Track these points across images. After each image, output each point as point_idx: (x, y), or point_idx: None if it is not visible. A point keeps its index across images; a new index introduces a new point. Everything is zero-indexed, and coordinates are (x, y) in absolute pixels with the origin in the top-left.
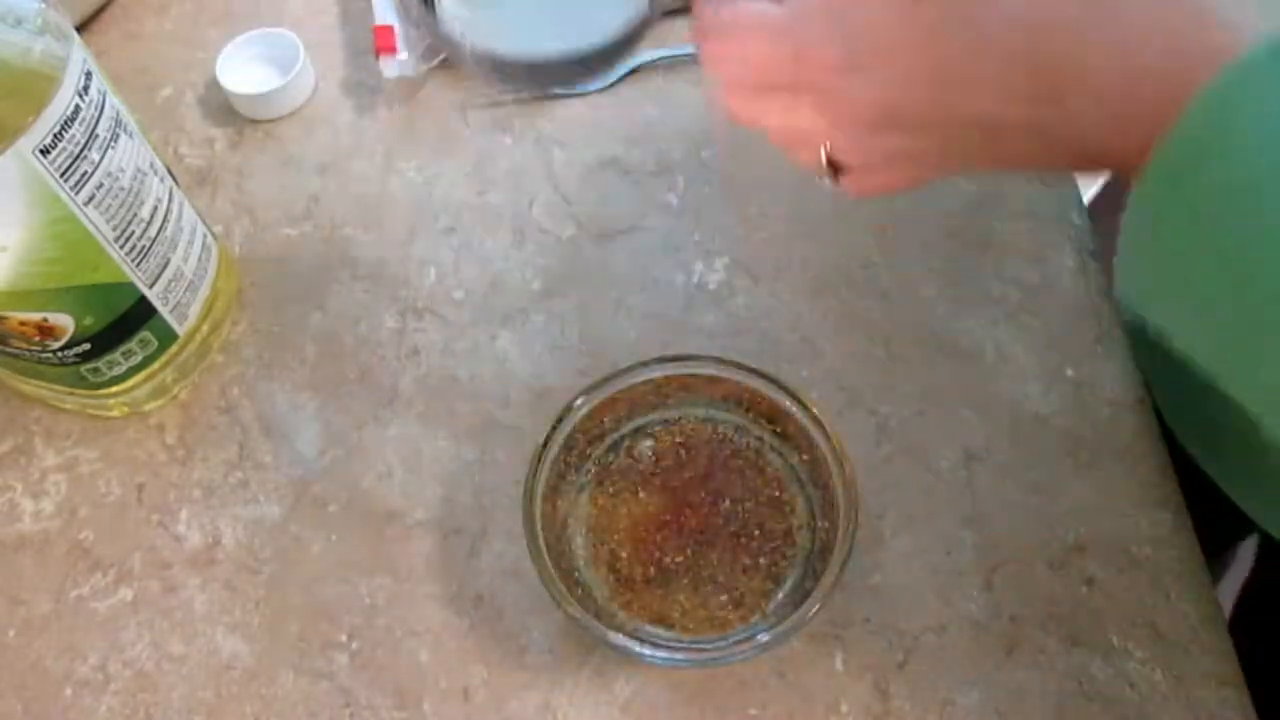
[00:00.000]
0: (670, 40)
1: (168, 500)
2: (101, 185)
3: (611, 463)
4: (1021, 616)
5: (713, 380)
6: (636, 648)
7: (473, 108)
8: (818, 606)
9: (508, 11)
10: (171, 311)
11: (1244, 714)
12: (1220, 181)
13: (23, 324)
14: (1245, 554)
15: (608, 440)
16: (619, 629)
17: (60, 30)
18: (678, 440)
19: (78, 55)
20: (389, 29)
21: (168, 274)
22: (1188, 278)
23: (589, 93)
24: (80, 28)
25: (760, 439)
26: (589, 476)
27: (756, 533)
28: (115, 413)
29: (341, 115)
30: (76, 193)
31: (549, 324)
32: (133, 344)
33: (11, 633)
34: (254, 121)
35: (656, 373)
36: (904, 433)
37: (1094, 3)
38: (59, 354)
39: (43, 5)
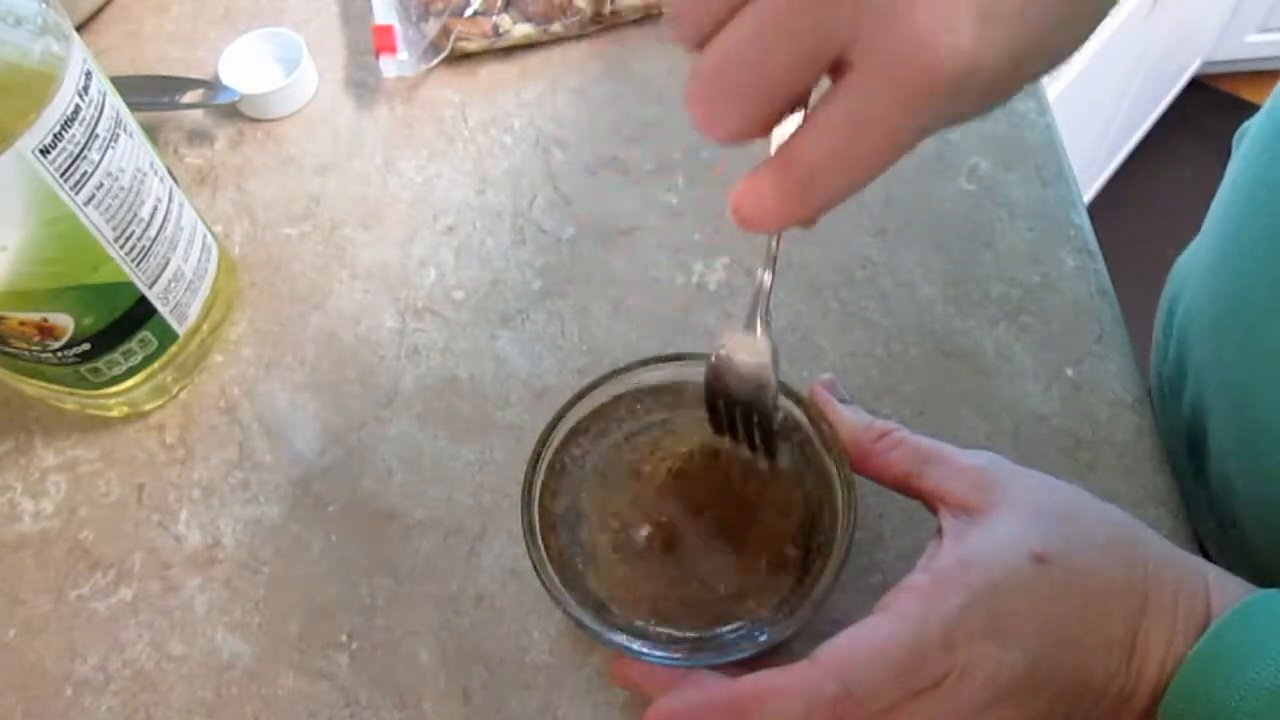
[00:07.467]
0: None
1: (168, 500)
2: (101, 185)
3: (611, 462)
4: None
5: None
6: (636, 647)
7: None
8: (817, 606)
9: None
10: (171, 311)
11: None
12: None
13: (23, 324)
14: None
15: (608, 440)
16: (619, 629)
17: (60, 30)
18: (677, 440)
19: (78, 55)
20: (389, 29)
21: (168, 274)
22: None
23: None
24: (80, 28)
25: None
26: (588, 476)
27: (756, 533)
28: (115, 413)
29: (341, 115)
30: (76, 193)
31: (549, 324)
32: (133, 344)
33: (11, 633)
34: (254, 121)
35: (656, 372)
36: None
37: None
38: (59, 354)
39: (43, 5)
